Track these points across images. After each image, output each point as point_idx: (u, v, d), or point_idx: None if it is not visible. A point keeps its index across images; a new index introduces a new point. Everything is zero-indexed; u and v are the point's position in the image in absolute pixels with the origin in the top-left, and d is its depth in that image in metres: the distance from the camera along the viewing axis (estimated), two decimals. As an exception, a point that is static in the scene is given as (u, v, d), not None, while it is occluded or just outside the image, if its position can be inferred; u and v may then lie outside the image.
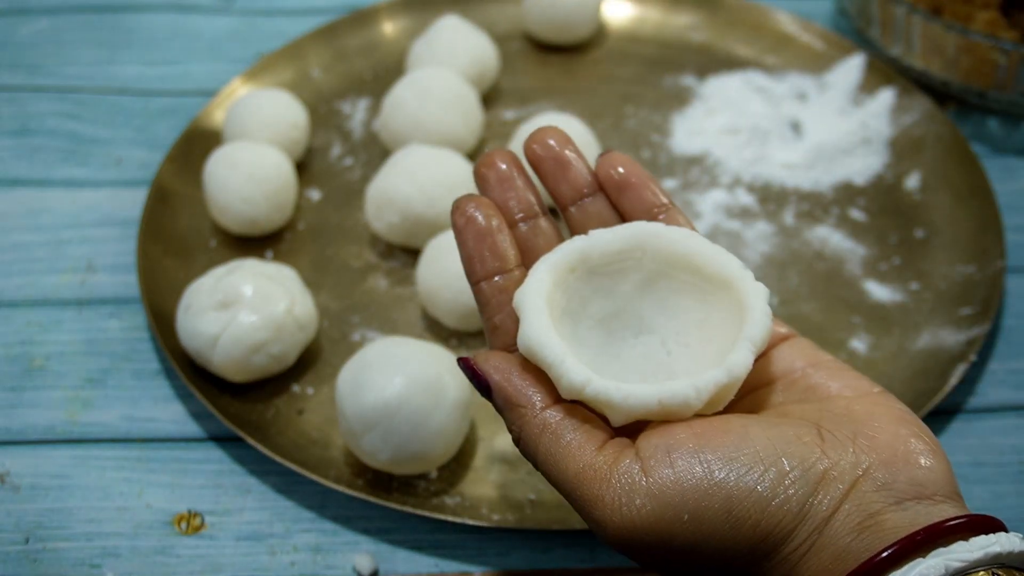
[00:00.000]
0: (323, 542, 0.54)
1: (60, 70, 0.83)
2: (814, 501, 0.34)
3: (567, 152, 0.42)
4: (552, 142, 0.42)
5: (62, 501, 0.55)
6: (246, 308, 0.57)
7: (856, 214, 0.71)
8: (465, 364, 0.39)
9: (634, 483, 0.35)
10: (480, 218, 0.40)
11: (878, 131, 0.76)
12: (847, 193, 0.72)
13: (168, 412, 0.60)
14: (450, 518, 0.53)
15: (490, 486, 0.56)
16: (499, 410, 0.39)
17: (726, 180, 0.73)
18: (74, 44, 0.86)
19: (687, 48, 0.83)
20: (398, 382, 0.53)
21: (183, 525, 0.55)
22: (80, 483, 0.56)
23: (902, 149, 0.75)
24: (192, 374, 0.59)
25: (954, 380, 0.58)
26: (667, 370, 0.40)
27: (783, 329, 0.41)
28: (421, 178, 0.64)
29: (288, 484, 0.56)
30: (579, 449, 0.36)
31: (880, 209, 0.71)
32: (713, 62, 0.82)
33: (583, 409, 0.38)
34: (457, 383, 0.54)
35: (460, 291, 0.60)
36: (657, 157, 0.75)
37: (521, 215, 0.42)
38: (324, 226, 0.70)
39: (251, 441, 0.55)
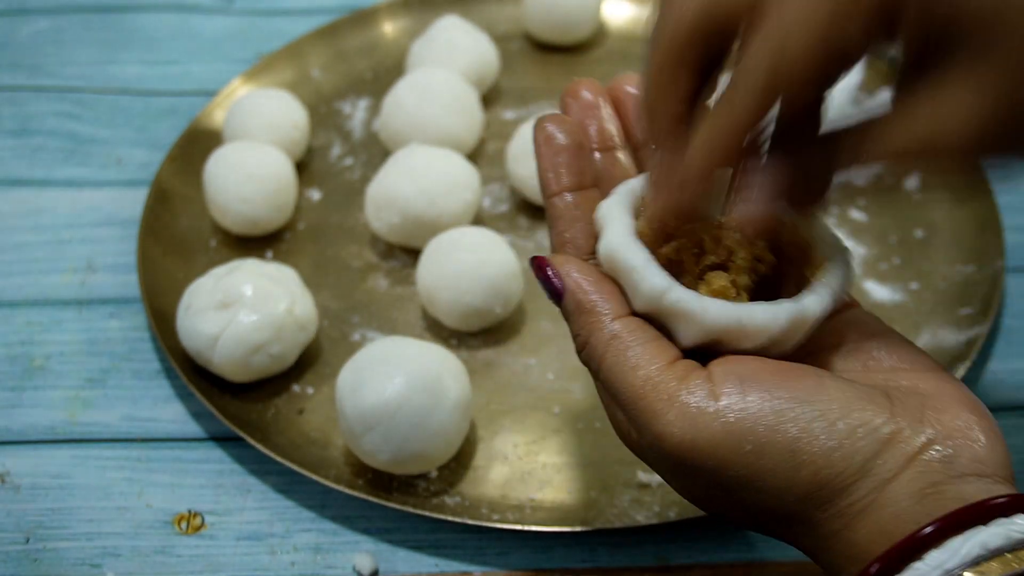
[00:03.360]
0: (323, 542, 0.54)
1: (60, 70, 0.83)
2: (879, 461, 0.34)
3: None
4: (633, 89, 0.43)
5: (62, 501, 0.56)
6: (246, 308, 0.57)
7: (856, 214, 0.71)
8: (539, 264, 0.38)
9: (701, 404, 0.34)
10: (559, 135, 0.41)
11: (878, 131, 0.76)
12: (847, 193, 0.72)
13: (168, 412, 0.60)
14: (450, 518, 0.53)
15: (490, 486, 0.56)
16: (567, 315, 0.38)
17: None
18: (74, 44, 0.86)
19: (687, 48, 0.83)
20: (398, 382, 0.53)
21: (183, 525, 0.55)
22: (80, 483, 0.56)
23: (902, 149, 0.74)
24: (192, 374, 0.59)
25: (954, 380, 0.58)
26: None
27: (848, 298, 0.41)
28: (421, 178, 0.64)
29: (288, 484, 0.56)
30: (648, 362, 0.36)
31: (880, 209, 0.71)
32: (713, 62, 0.82)
33: (654, 327, 0.37)
34: (457, 383, 0.54)
35: (460, 291, 0.60)
36: (657, 157, 0.75)
37: (597, 144, 0.42)
38: (324, 226, 0.70)
39: (251, 441, 0.55)
